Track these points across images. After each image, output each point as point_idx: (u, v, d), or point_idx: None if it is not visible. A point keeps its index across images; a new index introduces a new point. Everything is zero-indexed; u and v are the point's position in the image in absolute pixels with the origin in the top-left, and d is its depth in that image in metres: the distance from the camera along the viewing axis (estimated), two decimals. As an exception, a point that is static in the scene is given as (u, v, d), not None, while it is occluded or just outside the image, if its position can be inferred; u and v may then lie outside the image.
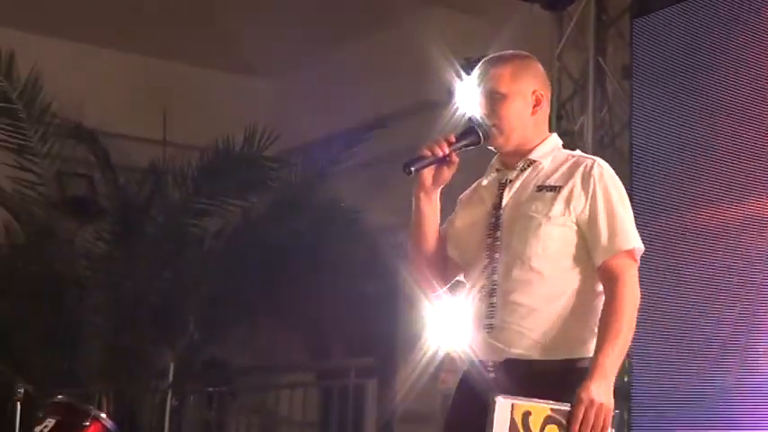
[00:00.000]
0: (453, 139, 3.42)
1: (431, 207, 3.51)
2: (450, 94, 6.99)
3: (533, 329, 3.32)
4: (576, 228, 3.36)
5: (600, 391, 3.15)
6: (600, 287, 3.37)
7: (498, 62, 3.51)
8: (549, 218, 3.35)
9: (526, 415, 3.10)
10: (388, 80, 8.57)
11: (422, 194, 3.49)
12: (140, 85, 9.41)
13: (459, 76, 6.71)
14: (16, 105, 8.44)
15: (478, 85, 3.49)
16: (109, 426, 5.97)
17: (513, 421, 3.09)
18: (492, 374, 3.35)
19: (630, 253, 3.35)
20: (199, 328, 8.71)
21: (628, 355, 6.23)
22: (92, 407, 6.24)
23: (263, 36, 9.07)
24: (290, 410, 8.82)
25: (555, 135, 3.56)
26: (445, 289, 3.63)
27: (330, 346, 10.16)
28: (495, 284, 3.37)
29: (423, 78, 8.39)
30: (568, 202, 3.36)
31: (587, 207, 3.35)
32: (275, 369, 9.41)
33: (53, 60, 8.56)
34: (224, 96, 9.63)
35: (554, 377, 3.28)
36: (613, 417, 3.19)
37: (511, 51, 3.60)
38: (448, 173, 3.45)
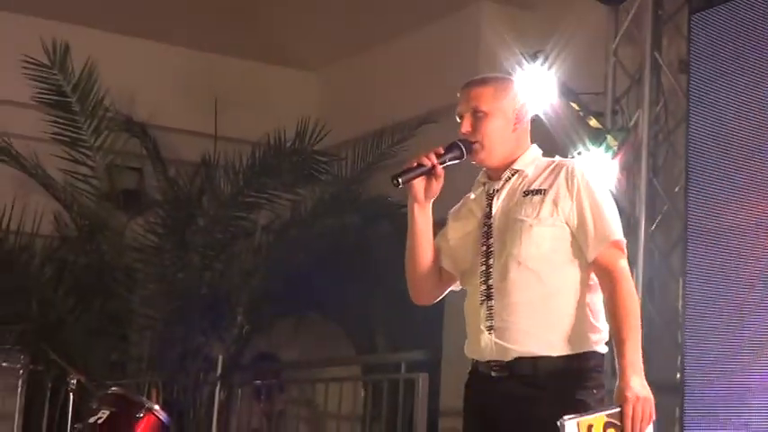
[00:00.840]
0: (441, 151, 3.64)
1: (425, 219, 3.72)
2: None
3: (535, 327, 3.55)
4: (565, 227, 3.59)
5: (639, 386, 3.39)
6: (593, 280, 3.61)
7: (481, 83, 3.76)
8: (540, 220, 3.58)
9: (590, 428, 3.34)
10: (438, 74, 8.51)
11: (416, 207, 3.70)
12: (191, 78, 9.42)
13: (521, 67, 6.67)
14: (70, 98, 8.49)
15: (463, 104, 3.74)
16: (162, 418, 6.03)
17: None
18: (500, 374, 3.58)
19: (617, 244, 3.58)
20: (248, 321, 8.74)
21: (681, 352, 6.26)
22: (145, 398, 6.30)
23: (313, 29, 9.08)
24: (339, 404, 8.82)
25: (535, 145, 3.81)
26: (440, 297, 3.90)
27: (375, 341, 10.15)
28: (492, 288, 3.60)
29: (475, 72, 8.34)
30: (556, 203, 3.59)
31: (574, 206, 3.58)
32: (324, 363, 9.39)
33: (104, 53, 8.59)
34: (274, 90, 9.62)
35: (559, 372, 3.53)
36: None
37: (493, 74, 3.95)
38: (436, 186, 3.66)
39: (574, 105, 6.86)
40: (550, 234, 3.58)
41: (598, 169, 6.39)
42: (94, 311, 8.51)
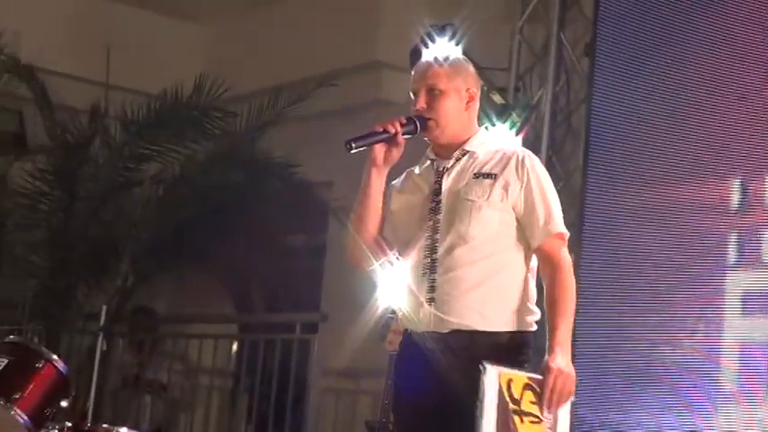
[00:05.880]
0: (404, 121, 3.79)
1: (379, 184, 3.88)
2: (415, 56, 6.97)
3: (475, 302, 3.72)
4: (512, 212, 3.76)
5: (564, 362, 3.61)
6: (533, 263, 3.81)
7: (437, 62, 3.89)
8: (489, 202, 3.75)
9: (509, 383, 3.51)
10: (338, 36, 8.55)
11: (373, 171, 3.84)
12: (82, 23, 9.24)
13: (426, 42, 6.74)
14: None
15: (419, 81, 3.85)
16: (61, 368, 5.95)
17: (500, 387, 3.48)
18: (435, 346, 3.71)
19: (561, 236, 3.80)
20: (132, 273, 8.66)
21: (573, 334, 6.40)
22: (45, 348, 6.21)
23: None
24: (215, 360, 8.87)
25: (484, 129, 4.01)
26: (377, 265, 3.98)
27: (252, 299, 10.19)
28: (436, 262, 3.75)
29: (376, 38, 8.42)
30: (506, 188, 3.75)
31: (522, 194, 3.76)
32: (204, 318, 9.41)
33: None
34: (167, 42, 9.51)
35: (494, 347, 3.69)
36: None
37: (448, 54, 4.10)
38: (396, 153, 3.82)
39: (478, 79, 6.94)
40: (498, 217, 3.74)
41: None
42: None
